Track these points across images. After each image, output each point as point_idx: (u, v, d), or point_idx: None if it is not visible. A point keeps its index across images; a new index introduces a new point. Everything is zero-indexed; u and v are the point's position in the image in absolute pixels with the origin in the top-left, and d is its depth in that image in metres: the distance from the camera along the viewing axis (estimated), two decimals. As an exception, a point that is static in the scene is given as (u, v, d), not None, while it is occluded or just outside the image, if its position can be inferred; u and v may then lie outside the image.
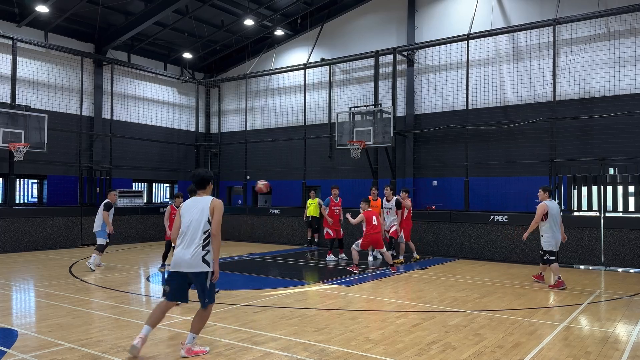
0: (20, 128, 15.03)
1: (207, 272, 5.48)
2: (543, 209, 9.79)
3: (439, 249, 14.64)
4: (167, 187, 22.01)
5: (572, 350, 5.84)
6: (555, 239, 9.84)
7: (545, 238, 9.86)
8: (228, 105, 22.48)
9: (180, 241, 5.57)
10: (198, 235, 5.49)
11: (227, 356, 5.52)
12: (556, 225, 9.87)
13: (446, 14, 17.02)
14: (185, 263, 5.46)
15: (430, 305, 8.20)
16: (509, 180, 15.39)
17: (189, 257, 5.45)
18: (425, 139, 17.03)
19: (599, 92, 14.05)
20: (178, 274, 5.54)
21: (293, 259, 13.88)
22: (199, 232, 5.49)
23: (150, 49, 20.36)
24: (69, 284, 9.85)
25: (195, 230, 5.51)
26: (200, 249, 5.46)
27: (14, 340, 6.10)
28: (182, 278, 5.54)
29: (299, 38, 20.48)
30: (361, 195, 17.46)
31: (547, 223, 9.80)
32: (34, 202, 17.46)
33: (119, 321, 7.00)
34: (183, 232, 5.59)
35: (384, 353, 5.68)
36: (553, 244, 9.82)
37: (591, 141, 14.17)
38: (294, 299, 8.69)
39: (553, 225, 9.81)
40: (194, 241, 5.48)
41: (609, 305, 8.36)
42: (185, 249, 5.49)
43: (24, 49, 16.42)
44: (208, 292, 5.53)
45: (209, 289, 5.53)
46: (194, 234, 5.50)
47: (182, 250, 5.51)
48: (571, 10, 14.38)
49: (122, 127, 19.22)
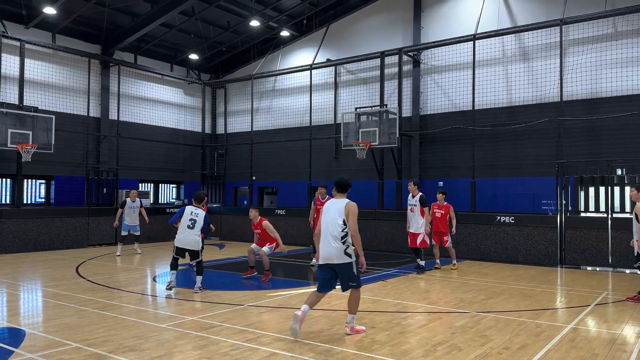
0: (28, 129, 15.13)
1: (351, 262, 6.31)
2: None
3: (445, 250, 14.56)
4: (174, 188, 22.08)
5: (579, 352, 5.81)
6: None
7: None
8: (234, 106, 22.53)
9: (323, 238, 6.42)
10: (336, 232, 6.31)
11: (233, 356, 5.53)
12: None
13: (452, 14, 16.98)
14: (332, 257, 6.31)
15: (437, 306, 8.18)
16: (516, 181, 15.33)
17: (335, 252, 6.29)
18: (431, 139, 17.00)
19: (606, 92, 13.97)
20: (327, 266, 6.40)
21: (299, 260, 13.88)
22: (337, 230, 6.31)
23: (156, 50, 20.44)
24: (75, 284, 9.90)
25: (333, 228, 6.33)
26: (341, 244, 6.29)
27: (21, 339, 6.14)
28: (330, 269, 6.40)
29: (304, 39, 20.49)
30: (366, 197, 17.53)
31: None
32: (41, 203, 17.56)
33: (126, 321, 7.03)
34: (323, 230, 6.45)
35: (390, 354, 5.67)
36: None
37: (598, 142, 14.09)
38: (300, 299, 8.68)
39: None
40: (335, 238, 6.31)
41: (617, 307, 8.31)
42: (329, 245, 6.33)
43: (32, 51, 16.54)
44: (355, 279, 6.38)
45: (355, 276, 6.37)
46: (334, 232, 6.33)
47: (325, 247, 6.38)
48: (578, 10, 14.31)
49: (129, 128, 19.31)
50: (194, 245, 9.19)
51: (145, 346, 5.86)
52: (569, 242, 12.90)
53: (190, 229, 9.10)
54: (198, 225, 9.17)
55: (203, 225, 9.30)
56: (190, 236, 9.12)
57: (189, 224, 9.11)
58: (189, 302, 8.37)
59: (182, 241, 9.15)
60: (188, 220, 9.12)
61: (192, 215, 9.17)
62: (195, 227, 9.14)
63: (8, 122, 14.75)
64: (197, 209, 9.33)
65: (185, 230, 9.11)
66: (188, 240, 9.13)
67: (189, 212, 9.20)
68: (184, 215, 9.15)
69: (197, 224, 9.15)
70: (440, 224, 12.40)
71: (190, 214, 9.19)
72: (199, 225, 9.18)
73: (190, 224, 9.12)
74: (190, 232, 9.11)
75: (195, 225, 9.14)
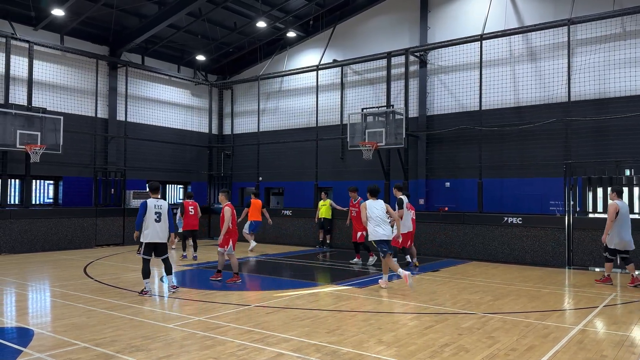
0: (37, 130, 15.24)
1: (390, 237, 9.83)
2: (615, 208, 10.03)
3: (451, 251, 14.56)
4: (181, 188, 22.16)
5: (587, 354, 5.77)
6: (619, 238, 10.04)
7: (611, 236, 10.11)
8: (241, 106, 22.58)
9: (376, 224, 9.70)
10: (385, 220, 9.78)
11: (239, 357, 5.55)
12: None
13: (459, 14, 16.93)
14: (387, 234, 9.71)
15: (443, 307, 8.16)
16: (523, 182, 15.26)
17: (389, 231, 9.75)
18: (438, 140, 16.95)
19: (615, 92, 13.88)
20: (386, 241, 9.70)
21: (305, 261, 13.89)
22: (386, 219, 9.80)
23: (163, 52, 20.53)
24: (83, 284, 9.96)
25: (382, 218, 9.76)
26: (389, 227, 9.86)
27: (30, 339, 6.18)
28: (386, 242, 9.69)
29: (311, 40, 20.51)
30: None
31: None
32: (50, 203, 17.68)
33: (133, 321, 7.06)
34: (376, 220, 9.71)
35: (397, 355, 5.66)
36: (617, 242, 10.06)
37: (606, 142, 14.00)
38: (306, 300, 8.70)
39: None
40: (386, 223, 9.75)
41: (625, 309, 8.25)
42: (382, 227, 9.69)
43: (40, 52, 16.67)
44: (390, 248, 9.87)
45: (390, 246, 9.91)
46: (384, 220, 9.75)
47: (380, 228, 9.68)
48: (586, 10, 14.23)
49: (136, 129, 19.40)
50: (164, 238, 8.96)
51: (153, 346, 5.89)
52: (577, 243, 12.83)
53: (157, 222, 8.85)
54: (164, 217, 8.93)
55: (169, 215, 9.01)
56: (160, 229, 8.88)
57: (155, 217, 8.84)
58: (195, 303, 8.40)
59: (151, 236, 8.85)
60: (154, 214, 8.85)
61: (156, 209, 8.88)
62: (162, 220, 8.89)
63: (17, 123, 14.86)
64: (159, 201, 9.02)
65: (153, 224, 8.84)
66: (158, 233, 8.90)
67: (152, 206, 8.88)
68: (147, 211, 8.83)
69: (163, 215, 8.91)
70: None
71: (154, 207, 8.89)
72: (165, 217, 8.93)
73: (156, 217, 8.85)
74: (158, 226, 8.86)
75: (161, 217, 8.89)
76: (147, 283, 8.96)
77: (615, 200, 10.14)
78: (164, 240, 9.02)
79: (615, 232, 10.00)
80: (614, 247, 10.09)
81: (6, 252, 14.65)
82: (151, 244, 8.93)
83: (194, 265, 13.00)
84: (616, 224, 9.97)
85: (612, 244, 10.07)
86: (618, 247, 10.08)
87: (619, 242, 10.03)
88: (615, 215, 9.95)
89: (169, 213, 9.06)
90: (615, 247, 10.08)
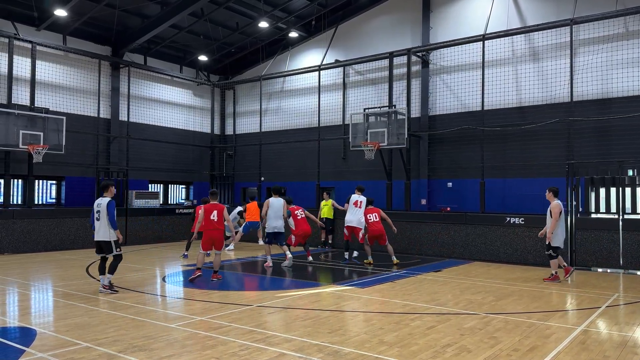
0: (39, 130, 15.27)
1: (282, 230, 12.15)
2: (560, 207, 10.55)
3: (454, 251, 14.54)
4: (183, 189, 22.18)
5: (590, 355, 5.76)
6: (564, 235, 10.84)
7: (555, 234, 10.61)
8: (243, 107, 22.60)
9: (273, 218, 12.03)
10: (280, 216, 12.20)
11: (241, 357, 5.55)
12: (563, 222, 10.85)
13: (461, 14, 16.92)
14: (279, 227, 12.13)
15: (446, 307, 8.15)
16: (525, 182, 15.24)
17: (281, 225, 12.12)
18: (440, 140, 16.94)
19: (617, 92, 13.86)
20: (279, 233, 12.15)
21: (307, 261, 13.89)
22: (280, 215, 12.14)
23: (166, 52, 20.56)
24: (86, 284, 9.97)
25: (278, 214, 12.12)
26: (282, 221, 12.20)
27: (32, 339, 6.20)
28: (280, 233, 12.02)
29: (313, 40, 20.52)
30: (375, 197, 17.48)
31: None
32: (52, 203, 17.72)
33: (135, 321, 7.07)
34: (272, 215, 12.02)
35: (399, 355, 5.66)
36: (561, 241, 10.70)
37: (609, 142, 13.97)
38: (308, 300, 8.70)
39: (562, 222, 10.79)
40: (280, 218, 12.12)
41: (628, 309, 8.23)
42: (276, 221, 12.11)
43: (43, 52, 16.70)
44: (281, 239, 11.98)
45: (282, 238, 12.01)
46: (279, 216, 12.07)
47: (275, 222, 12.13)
48: (588, 9, 14.20)
49: (139, 129, 19.43)
50: (104, 236, 8.93)
51: (155, 346, 5.90)
52: (580, 243, 12.80)
53: (98, 221, 8.90)
54: (103, 215, 8.86)
55: (109, 212, 8.86)
56: (100, 228, 8.90)
57: (96, 216, 8.92)
58: (198, 302, 8.41)
59: (95, 235, 8.97)
60: (95, 213, 8.93)
61: (97, 207, 8.95)
62: (101, 218, 8.87)
63: (19, 124, 14.90)
64: (101, 199, 9.03)
65: (95, 222, 8.95)
66: (98, 232, 8.93)
67: (95, 205, 8.99)
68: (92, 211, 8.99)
69: (102, 214, 8.87)
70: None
71: (96, 206, 8.97)
72: (104, 215, 8.86)
73: (97, 216, 8.91)
74: (98, 224, 8.90)
75: (100, 215, 8.88)
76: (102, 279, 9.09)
77: (557, 200, 10.60)
78: (105, 238, 8.94)
79: (560, 230, 10.57)
80: (558, 245, 10.58)
81: (9, 252, 14.67)
82: (97, 244, 9.05)
83: (194, 265, 12.99)
84: (560, 222, 10.53)
85: (557, 242, 10.55)
86: (562, 245, 10.70)
87: (564, 239, 10.77)
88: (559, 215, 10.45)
89: (110, 211, 8.90)
90: (559, 245, 10.60)
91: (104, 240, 8.98)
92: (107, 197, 9.10)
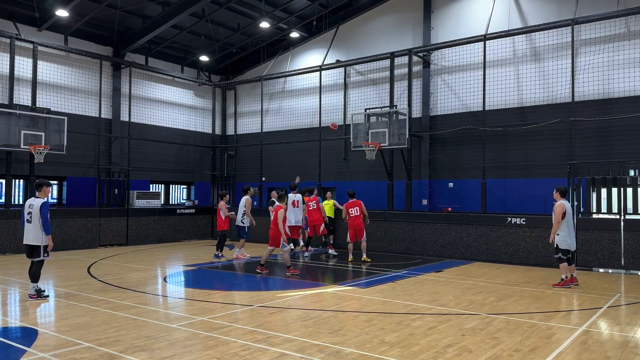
0: (41, 130, 15.30)
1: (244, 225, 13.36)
2: (562, 208, 10.02)
3: (455, 252, 14.53)
4: (184, 189, 22.20)
5: (591, 355, 5.76)
6: (572, 238, 10.16)
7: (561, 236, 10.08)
8: (244, 107, 22.60)
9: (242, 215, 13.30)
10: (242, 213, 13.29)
11: (242, 357, 5.55)
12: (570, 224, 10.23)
13: (463, 14, 16.91)
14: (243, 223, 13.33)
15: (447, 308, 8.15)
16: (527, 182, 15.23)
17: (247, 221, 13.34)
18: (441, 140, 16.93)
19: (619, 92, 13.84)
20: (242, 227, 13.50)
21: (308, 261, 13.89)
22: (242, 211, 13.31)
23: (167, 52, 20.58)
24: (87, 284, 9.99)
25: (242, 211, 13.47)
26: (246, 218, 13.64)
27: (34, 339, 6.21)
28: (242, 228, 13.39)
29: (314, 40, 20.52)
30: (376, 198, 17.50)
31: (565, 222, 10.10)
32: (54, 204, 17.73)
33: (137, 321, 7.08)
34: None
35: (400, 356, 5.65)
36: (568, 243, 10.05)
37: (610, 142, 13.96)
38: (309, 300, 8.70)
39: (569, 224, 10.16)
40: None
41: (629, 310, 8.22)
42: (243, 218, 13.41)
43: (44, 53, 16.72)
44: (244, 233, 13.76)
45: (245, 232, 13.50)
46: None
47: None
48: (590, 9, 14.19)
49: (140, 129, 19.45)
50: (35, 240, 8.43)
51: (156, 346, 5.90)
52: (581, 243, 12.77)
53: (29, 223, 8.43)
54: (35, 217, 8.38)
55: (42, 215, 8.38)
56: (30, 230, 8.42)
57: (27, 217, 8.45)
58: (199, 303, 8.41)
59: (25, 237, 8.49)
60: (26, 215, 8.46)
61: (28, 209, 8.46)
62: (33, 220, 8.39)
63: (21, 124, 14.92)
64: (34, 200, 8.55)
65: (25, 224, 8.50)
66: (28, 235, 8.45)
67: (27, 206, 8.51)
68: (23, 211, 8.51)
69: (34, 216, 8.39)
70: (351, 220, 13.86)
71: (27, 206, 8.49)
72: (36, 217, 8.38)
73: (28, 217, 8.44)
74: (29, 227, 8.43)
75: (32, 217, 8.39)
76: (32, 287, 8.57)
77: (561, 200, 10.12)
78: (35, 242, 8.45)
79: (566, 232, 10.01)
80: (566, 248, 10.00)
81: (10, 252, 14.70)
82: (26, 247, 8.57)
83: (195, 265, 13.02)
84: (565, 224, 9.99)
85: (564, 244, 9.98)
86: (571, 248, 10.06)
87: (571, 242, 10.06)
88: (563, 216, 9.94)
89: (44, 213, 8.42)
90: (567, 247, 10.00)
91: (34, 244, 8.45)
92: (40, 198, 8.58)
